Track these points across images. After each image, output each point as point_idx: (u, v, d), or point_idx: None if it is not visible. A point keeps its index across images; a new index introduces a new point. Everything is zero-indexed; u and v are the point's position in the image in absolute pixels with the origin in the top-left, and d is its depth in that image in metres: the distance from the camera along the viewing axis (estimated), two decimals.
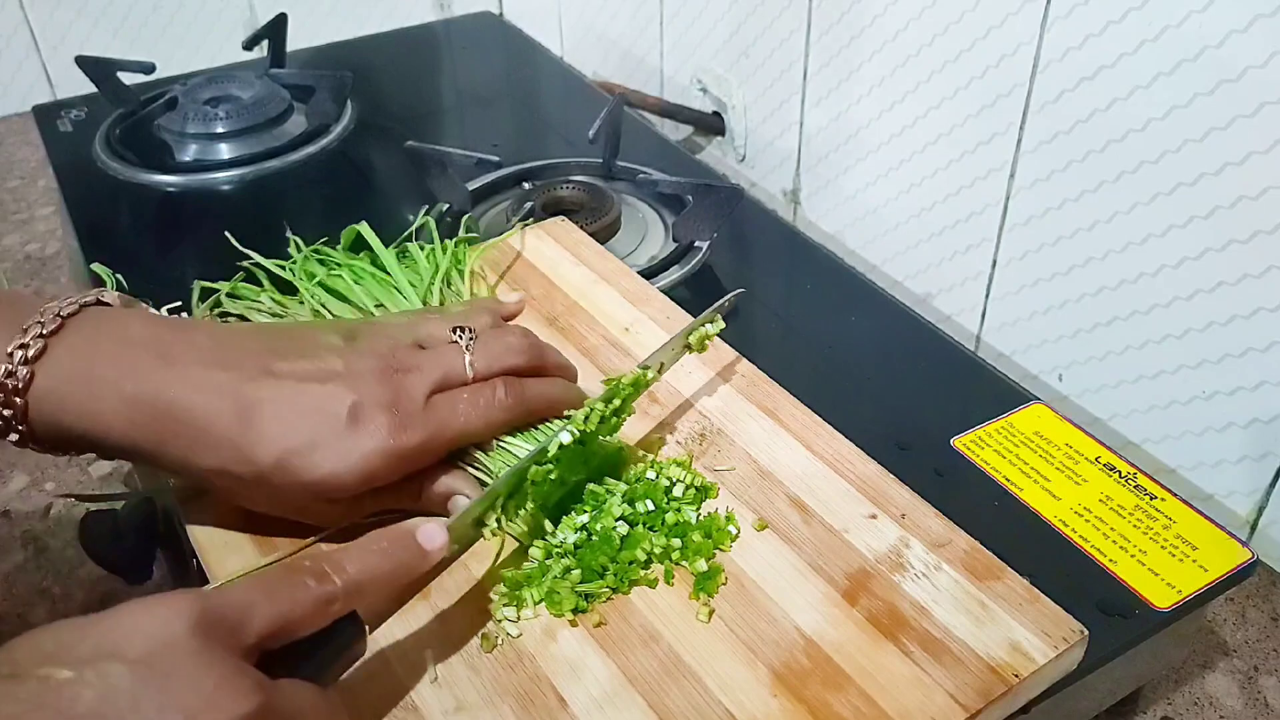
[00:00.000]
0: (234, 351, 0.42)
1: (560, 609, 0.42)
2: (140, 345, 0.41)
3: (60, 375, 0.40)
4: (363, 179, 0.83)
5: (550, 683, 0.40)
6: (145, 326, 0.43)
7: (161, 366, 0.41)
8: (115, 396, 0.40)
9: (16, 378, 0.40)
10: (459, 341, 0.47)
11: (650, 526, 0.45)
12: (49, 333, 0.41)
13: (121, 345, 0.41)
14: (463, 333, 0.47)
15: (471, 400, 0.45)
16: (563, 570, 0.43)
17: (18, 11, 1.13)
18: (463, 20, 1.13)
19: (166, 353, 0.41)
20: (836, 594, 0.43)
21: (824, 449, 0.50)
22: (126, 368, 0.41)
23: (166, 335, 0.42)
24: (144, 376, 0.41)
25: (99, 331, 0.42)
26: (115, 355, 0.41)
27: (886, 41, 0.75)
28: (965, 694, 0.39)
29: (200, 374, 0.41)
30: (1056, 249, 0.68)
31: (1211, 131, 0.56)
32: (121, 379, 0.40)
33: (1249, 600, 0.60)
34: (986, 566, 0.44)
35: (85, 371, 0.41)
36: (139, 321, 0.43)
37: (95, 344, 0.41)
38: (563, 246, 0.65)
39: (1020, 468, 0.53)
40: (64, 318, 0.41)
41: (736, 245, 0.72)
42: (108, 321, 0.42)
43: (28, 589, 0.63)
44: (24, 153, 1.11)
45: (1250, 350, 0.58)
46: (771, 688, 0.40)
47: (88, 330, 0.42)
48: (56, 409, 0.41)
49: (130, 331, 0.42)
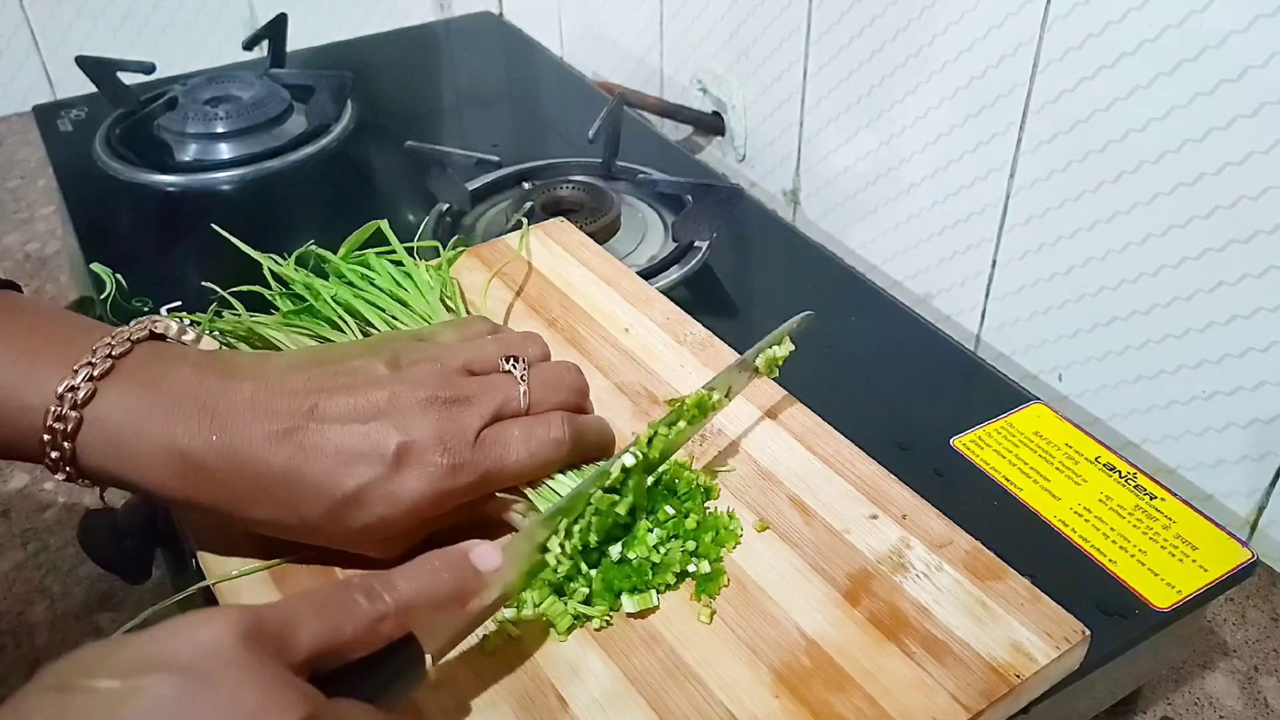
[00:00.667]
0: (278, 397, 0.41)
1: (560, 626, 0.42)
2: (187, 398, 0.40)
3: (108, 425, 0.40)
4: (363, 179, 0.83)
5: (551, 684, 0.40)
6: (192, 373, 0.41)
7: (207, 421, 0.40)
8: (162, 452, 0.40)
9: (66, 420, 0.39)
10: (513, 372, 0.45)
11: (675, 535, 0.45)
12: (99, 375, 0.40)
13: (169, 397, 0.40)
14: (516, 362, 0.45)
15: (524, 437, 0.43)
16: (575, 591, 0.42)
17: (18, 11, 1.13)
18: (463, 20, 1.13)
19: (213, 407, 0.40)
20: (838, 595, 0.43)
21: (824, 449, 0.50)
22: (173, 423, 0.40)
23: (213, 385, 0.41)
24: (191, 434, 0.40)
25: (149, 379, 0.41)
26: (163, 409, 0.40)
27: (886, 41, 0.75)
28: (967, 694, 0.39)
29: (245, 429, 0.40)
30: (1056, 249, 0.68)
31: (1211, 131, 0.56)
32: (169, 435, 0.40)
33: (1249, 600, 0.60)
34: (988, 567, 0.44)
35: (133, 425, 0.40)
36: (187, 367, 0.42)
37: (143, 396, 0.40)
38: (562, 247, 0.64)
39: (1020, 468, 0.53)
40: (115, 358, 0.40)
41: (736, 245, 0.72)
42: (156, 366, 0.41)
43: (27, 588, 0.63)
44: (24, 153, 1.11)
45: (1250, 350, 0.58)
46: (773, 689, 0.40)
47: (139, 374, 0.41)
48: (102, 457, 0.40)
49: (178, 379, 0.41)
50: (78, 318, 0.44)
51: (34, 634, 0.61)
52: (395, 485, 0.41)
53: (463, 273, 0.62)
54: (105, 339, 0.41)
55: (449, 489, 0.41)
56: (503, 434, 0.43)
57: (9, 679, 0.58)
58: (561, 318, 0.59)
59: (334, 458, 0.40)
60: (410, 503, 0.41)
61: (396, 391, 0.42)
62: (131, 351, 0.41)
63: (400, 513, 0.41)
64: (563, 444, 0.44)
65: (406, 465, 0.41)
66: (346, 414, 0.41)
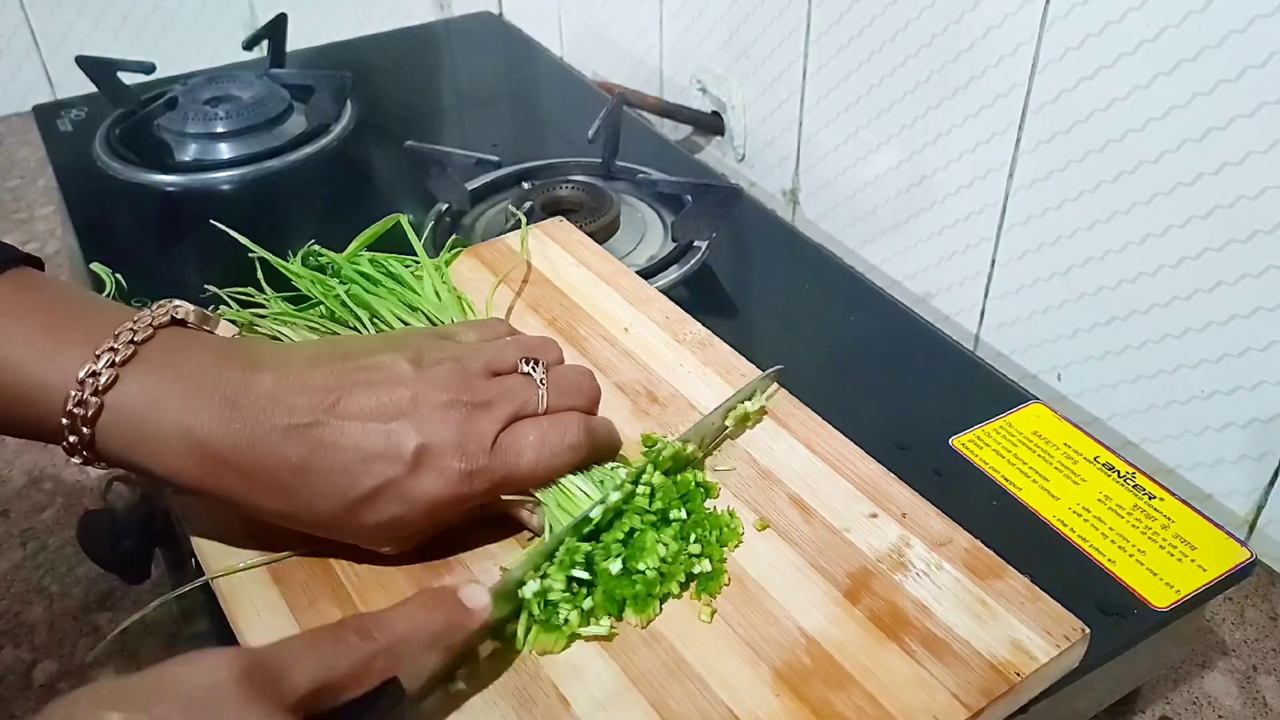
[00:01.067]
0: (299, 391, 0.41)
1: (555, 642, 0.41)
2: (209, 388, 0.40)
3: (129, 412, 0.40)
4: (363, 179, 0.83)
5: (552, 683, 0.40)
6: (215, 362, 0.41)
7: (228, 413, 0.40)
8: (181, 441, 0.40)
9: (86, 406, 0.39)
10: (531, 375, 0.45)
11: (683, 536, 0.45)
12: (122, 361, 0.39)
13: (190, 386, 0.40)
14: (535, 365, 0.46)
15: (539, 441, 0.43)
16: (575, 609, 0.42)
17: (18, 11, 1.13)
18: (463, 20, 1.13)
19: (234, 398, 0.40)
20: (838, 593, 0.43)
21: (824, 448, 0.50)
22: (193, 411, 0.40)
23: (235, 375, 0.41)
24: (211, 425, 0.40)
25: (170, 366, 0.41)
26: (184, 397, 0.40)
27: (886, 41, 0.75)
28: (967, 693, 0.39)
29: (266, 420, 0.40)
30: (1055, 249, 0.68)
31: (1210, 131, 0.56)
32: (189, 424, 0.40)
33: (1248, 600, 0.60)
34: (987, 565, 0.44)
35: (153, 412, 0.40)
36: (209, 355, 0.42)
37: (165, 383, 0.40)
38: (561, 247, 0.65)
39: (1019, 467, 0.53)
40: (138, 344, 0.40)
41: (736, 245, 0.72)
42: (179, 353, 0.41)
43: (25, 587, 0.63)
44: (24, 152, 1.11)
45: (1249, 350, 0.58)
46: (774, 687, 0.40)
47: (160, 360, 0.40)
48: (121, 443, 0.40)
49: (200, 367, 0.41)
50: (99, 299, 0.44)
51: (33, 633, 0.61)
52: (411, 486, 0.41)
53: (462, 272, 0.62)
54: (128, 324, 0.41)
55: (465, 493, 0.42)
56: (519, 439, 0.43)
57: (7, 679, 0.58)
58: (561, 317, 0.59)
59: (352, 455, 0.41)
60: (425, 504, 0.41)
61: (419, 392, 0.42)
62: (154, 337, 0.41)
63: (414, 513, 0.41)
64: (578, 449, 0.44)
65: (424, 467, 0.41)
66: (368, 412, 0.41)
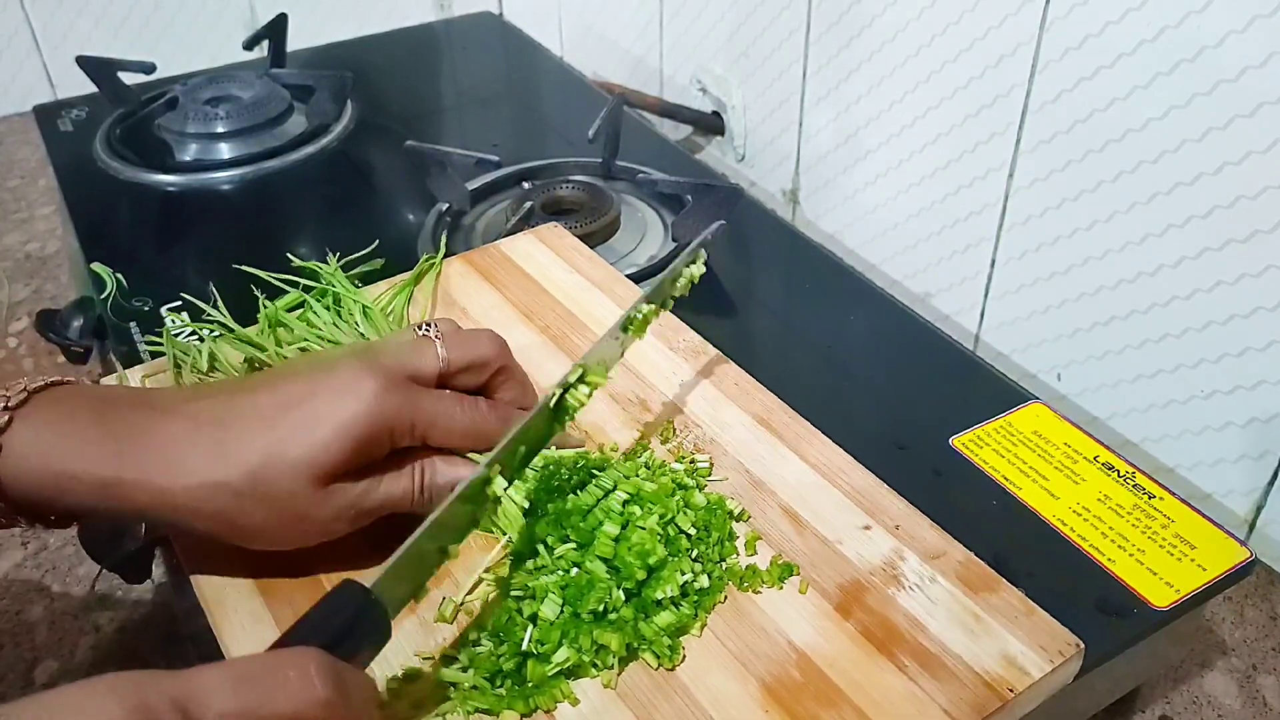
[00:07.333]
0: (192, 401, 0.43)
1: None
2: (118, 396, 0.43)
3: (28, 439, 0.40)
4: (363, 179, 0.83)
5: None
6: (116, 390, 0.44)
7: (142, 405, 0.42)
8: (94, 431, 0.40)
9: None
10: (428, 335, 0.46)
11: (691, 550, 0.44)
12: (14, 405, 0.40)
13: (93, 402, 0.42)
14: (428, 326, 0.47)
15: (455, 399, 0.45)
16: None
17: (19, 11, 1.13)
18: (463, 20, 1.13)
19: (144, 398, 0.43)
20: (829, 606, 0.43)
21: (817, 458, 0.49)
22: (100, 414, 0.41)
23: (139, 392, 0.44)
24: (120, 416, 0.41)
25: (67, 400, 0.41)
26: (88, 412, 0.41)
27: (886, 41, 0.75)
28: (960, 709, 0.39)
29: (180, 407, 0.42)
30: (1055, 249, 0.68)
31: (1210, 131, 0.56)
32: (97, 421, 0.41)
33: (1247, 599, 0.60)
34: (981, 578, 0.44)
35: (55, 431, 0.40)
36: (106, 389, 0.44)
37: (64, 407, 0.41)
38: (554, 252, 0.64)
39: (1019, 467, 0.53)
40: (12, 410, 0.40)
41: (736, 245, 0.72)
42: (75, 390, 0.43)
43: (26, 587, 0.63)
44: (24, 152, 1.11)
45: (1249, 349, 0.58)
46: (763, 703, 0.39)
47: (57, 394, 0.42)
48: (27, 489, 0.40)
49: (100, 393, 0.43)
50: None
51: (33, 633, 0.61)
52: (331, 407, 0.41)
53: (455, 278, 0.62)
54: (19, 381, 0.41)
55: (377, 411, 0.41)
56: (433, 393, 0.44)
57: (7, 678, 0.58)
58: (554, 324, 0.59)
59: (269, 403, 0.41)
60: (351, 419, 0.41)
61: (314, 375, 0.43)
62: (46, 389, 0.41)
63: (333, 431, 0.41)
64: (491, 419, 0.45)
65: (342, 392, 0.41)
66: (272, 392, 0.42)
